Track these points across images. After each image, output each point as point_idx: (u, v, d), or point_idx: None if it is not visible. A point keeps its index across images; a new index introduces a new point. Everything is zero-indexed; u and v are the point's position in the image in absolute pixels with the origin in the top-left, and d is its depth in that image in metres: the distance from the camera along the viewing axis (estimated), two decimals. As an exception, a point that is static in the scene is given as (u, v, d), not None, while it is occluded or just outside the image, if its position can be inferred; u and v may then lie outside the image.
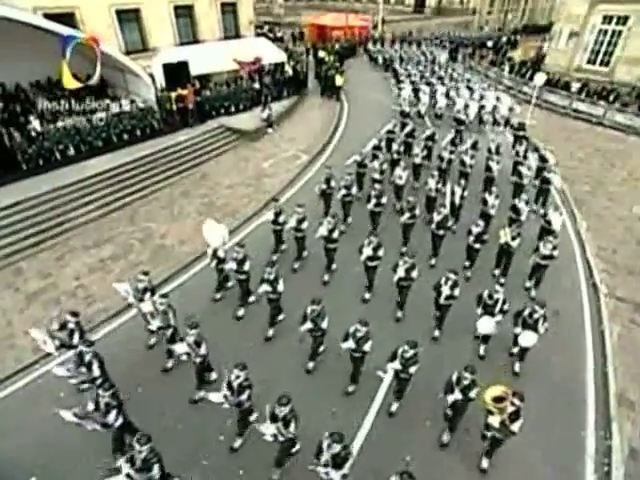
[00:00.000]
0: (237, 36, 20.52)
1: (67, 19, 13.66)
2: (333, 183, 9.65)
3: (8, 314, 7.43)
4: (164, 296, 6.12)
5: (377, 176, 10.33)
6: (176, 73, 13.85)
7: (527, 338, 6.03)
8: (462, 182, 10.26)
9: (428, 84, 17.71)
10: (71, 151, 11.66)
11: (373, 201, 9.15)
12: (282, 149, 13.96)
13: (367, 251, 7.29)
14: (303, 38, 29.81)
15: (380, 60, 25.11)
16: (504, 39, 34.49)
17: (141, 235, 9.63)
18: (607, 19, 19.57)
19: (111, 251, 9.09)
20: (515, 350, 6.72)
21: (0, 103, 12.76)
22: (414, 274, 7.02)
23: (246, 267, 6.98)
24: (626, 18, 18.89)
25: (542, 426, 5.74)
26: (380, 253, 7.42)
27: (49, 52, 14.00)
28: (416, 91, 16.99)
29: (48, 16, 12.43)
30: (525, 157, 11.56)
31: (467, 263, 8.72)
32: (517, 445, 5.26)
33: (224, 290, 7.91)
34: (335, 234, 7.94)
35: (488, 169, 10.94)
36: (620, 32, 19.33)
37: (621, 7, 19.00)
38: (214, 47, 17.40)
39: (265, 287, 6.49)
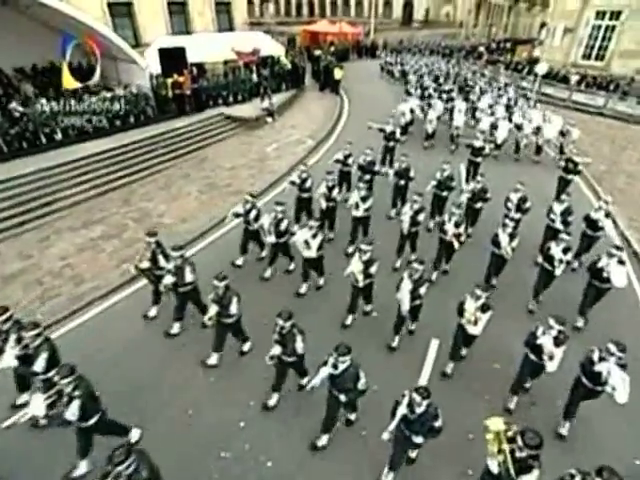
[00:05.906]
0: (232, 34, 20.23)
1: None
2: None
3: (-19, 297, 6.36)
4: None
5: (273, 239, 6.24)
6: (172, 59, 13.15)
7: None
8: (419, 267, 5.09)
9: (442, 98, 14.51)
10: (58, 135, 10.74)
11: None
12: (285, 135, 13.28)
13: None
14: (295, 45, 29.77)
15: (397, 73, 21.98)
16: (493, 46, 35.31)
17: (137, 215, 8.67)
18: (600, 14, 19.88)
19: (102, 231, 8.11)
20: None
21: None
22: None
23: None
24: (619, 13, 19.19)
25: (633, 416, 4.77)
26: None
27: (35, 40, 13.37)
28: (427, 105, 13.71)
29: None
30: (567, 223, 6.70)
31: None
32: (606, 435, 4.42)
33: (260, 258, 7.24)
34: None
35: (495, 243, 6.31)
36: (614, 27, 19.60)
37: (614, 2, 19.34)
38: (211, 37, 16.97)
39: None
